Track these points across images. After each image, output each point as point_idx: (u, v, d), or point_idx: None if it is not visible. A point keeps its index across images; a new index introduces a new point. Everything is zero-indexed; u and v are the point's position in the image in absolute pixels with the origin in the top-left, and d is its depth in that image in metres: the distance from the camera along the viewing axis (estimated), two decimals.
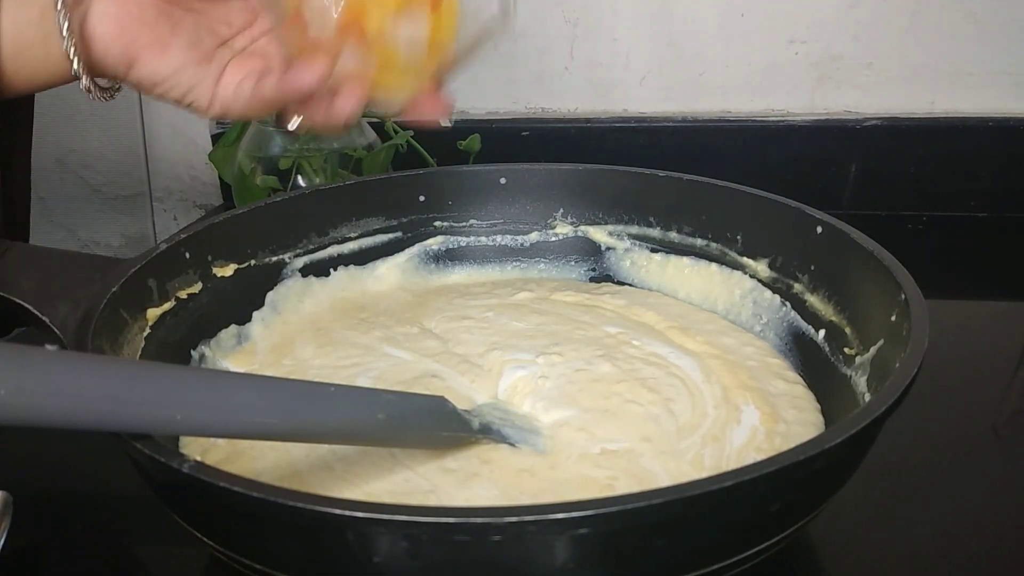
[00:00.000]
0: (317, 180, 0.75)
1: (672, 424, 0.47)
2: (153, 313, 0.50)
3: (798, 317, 0.55)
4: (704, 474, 0.37)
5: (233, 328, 0.56)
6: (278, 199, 0.60)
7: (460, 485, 0.42)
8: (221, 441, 0.47)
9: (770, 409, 0.48)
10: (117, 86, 0.47)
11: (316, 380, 0.48)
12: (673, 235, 0.62)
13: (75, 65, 0.43)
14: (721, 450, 0.45)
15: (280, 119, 0.49)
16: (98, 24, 0.43)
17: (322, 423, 0.38)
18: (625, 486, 0.42)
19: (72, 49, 0.43)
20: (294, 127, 0.47)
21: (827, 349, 0.52)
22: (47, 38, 0.42)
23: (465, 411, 0.45)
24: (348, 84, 0.45)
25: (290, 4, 0.44)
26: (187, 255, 0.53)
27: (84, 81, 0.45)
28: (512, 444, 0.45)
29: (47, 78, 0.44)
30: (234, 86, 0.47)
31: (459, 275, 0.66)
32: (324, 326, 0.59)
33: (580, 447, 0.45)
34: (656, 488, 0.31)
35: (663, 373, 0.51)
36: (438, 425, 0.43)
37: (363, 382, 0.51)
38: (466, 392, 0.50)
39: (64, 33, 0.42)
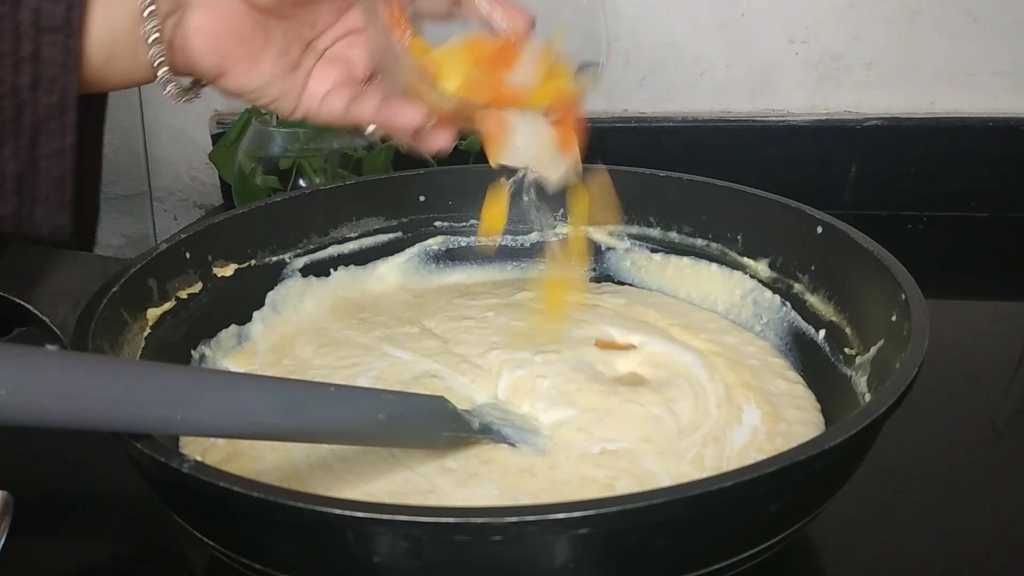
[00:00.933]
0: (317, 180, 0.75)
1: (673, 424, 0.47)
2: (153, 313, 0.50)
3: (798, 317, 0.55)
4: (705, 474, 0.37)
5: (233, 328, 0.56)
6: (278, 199, 0.60)
7: (460, 485, 0.42)
8: (221, 441, 0.47)
9: (771, 409, 0.48)
10: (198, 90, 0.46)
11: (316, 380, 0.48)
12: (673, 235, 0.62)
13: (160, 74, 0.43)
14: (722, 450, 0.45)
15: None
16: (192, 37, 0.42)
17: (322, 423, 0.38)
18: (625, 486, 0.42)
19: (161, 59, 0.42)
20: (369, 133, 0.46)
21: (827, 349, 0.52)
22: (136, 47, 0.41)
23: (465, 411, 0.45)
24: (445, 123, 0.45)
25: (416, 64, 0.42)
26: (187, 255, 0.53)
27: (170, 88, 0.44)
28: (512, 444, 0.45)
29: (138, 80, 0.43)
30: (319, 98, 0.46)
31: (459, 275, 0.66)
32: (324, 326, 0.59)
33: (580, 447, 0.45)
34: (656, 488, 0.31)
35: (664, 372, 0.51)
36: (438, 425, 0.43)
37: (363, 382, 0.51)
38: (466, 392, 0.50)
39: (153, 45, 0.41)
